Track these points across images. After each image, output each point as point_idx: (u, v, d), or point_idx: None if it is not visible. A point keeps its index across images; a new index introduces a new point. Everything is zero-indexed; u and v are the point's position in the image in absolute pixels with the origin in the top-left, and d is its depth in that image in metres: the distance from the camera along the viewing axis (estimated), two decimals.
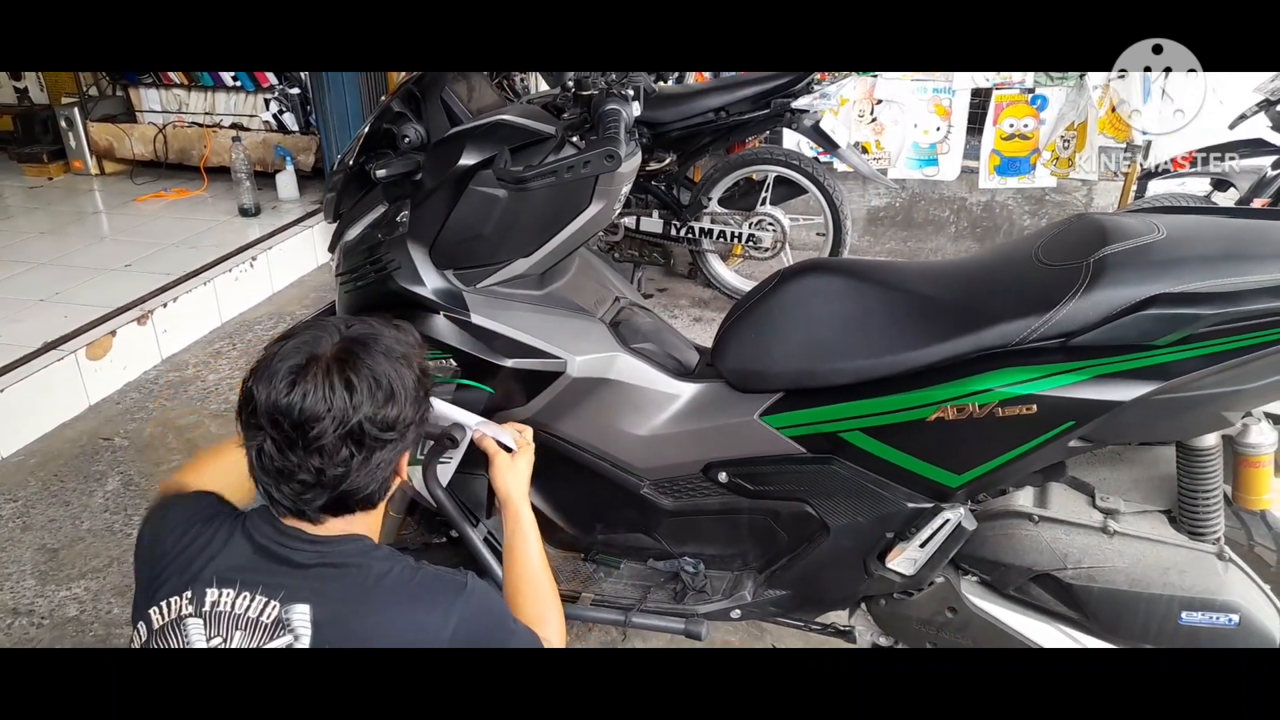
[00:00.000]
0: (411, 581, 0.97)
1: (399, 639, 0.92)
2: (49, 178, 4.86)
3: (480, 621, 1.00)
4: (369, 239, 1.51)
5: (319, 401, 0.89)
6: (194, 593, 0.93)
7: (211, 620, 0.91)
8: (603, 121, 1.28)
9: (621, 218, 3.53)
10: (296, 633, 0.90)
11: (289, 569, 0.94)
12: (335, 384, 0.90)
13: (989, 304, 1.28)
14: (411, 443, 1.01)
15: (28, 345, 2.89)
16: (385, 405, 0.93)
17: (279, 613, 0.91)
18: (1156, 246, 1.21)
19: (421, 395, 0.99)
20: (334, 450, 0.90)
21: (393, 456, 0.97)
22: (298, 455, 0.90)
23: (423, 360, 1.02)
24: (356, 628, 0.91)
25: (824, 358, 1.37)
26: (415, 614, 0.94)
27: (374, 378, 0.92)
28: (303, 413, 0.89)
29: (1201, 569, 1.28)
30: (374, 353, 0.94)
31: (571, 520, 1.62)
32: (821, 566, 1.48)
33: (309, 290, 3.93)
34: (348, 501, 0.95)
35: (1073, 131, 3.75)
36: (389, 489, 1.01)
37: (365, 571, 0.95)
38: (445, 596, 0.97)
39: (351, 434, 0.91)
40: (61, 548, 2.26)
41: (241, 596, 0.91)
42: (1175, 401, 1.18)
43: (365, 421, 0.91)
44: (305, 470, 0.90)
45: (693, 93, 3.34)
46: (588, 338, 1.51)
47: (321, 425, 0.89)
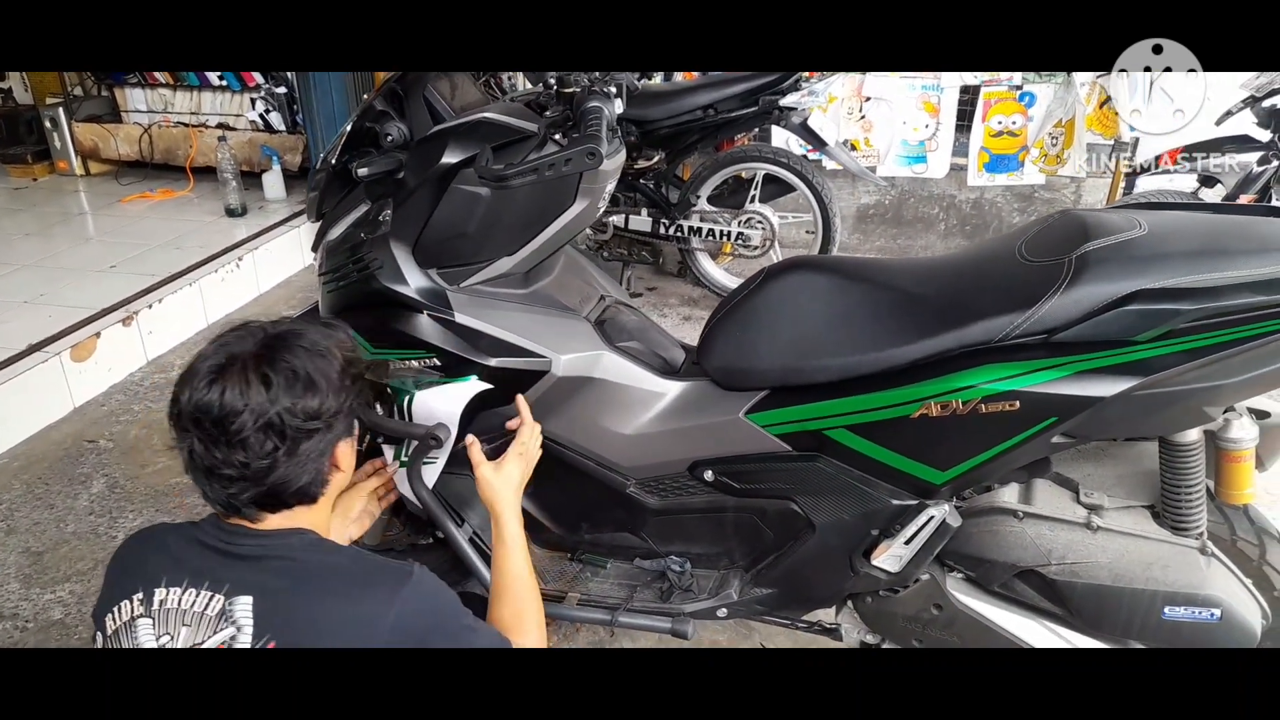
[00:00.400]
0: (353, 570, 0.98)
1: (339, 626, 0.92)
2: (34, 178, 4.83)
3: (426, 613, 0.99)
4: (351, 238, 1.50)
5: (237, 397, 0.92)
6: (144, 594, 0.95)
7: (160, 618, 0.93)
8: (584, 119, 1.28)
9: (610, 216, 3.53)
10: (239, 624, 0.91)
11: (233, 562, 0.96)
12: (251, 379, 0.93)
13: (972, 301, 1.28)
14: (342, 434, 1.02)
15: (12, 347, 2.87)
16: (305, 396, 0.96)
17: (222, 605, 0.92)
18: (1137, 242, 1.22)
19: (347, 384, 1.02)
20: (257, 443, 0.93)
21: (322, 448, 0.99)
22: (222, 451, 0.93)
23: (350, 353, 1.05)
24: (296, 617, 0.92)
25: (808, 355, 1.37)
26: (357, 602, 0.94)
27: (292, 370, 0.96)
28: (222, 408, 0.92)
29: (1184, 564, 1.29)
30: (293, 347, 0.98)
31: (557, 520, 1.62)
32: (807, 564, 1.48)
33: (296, 290, 3.91)
34: (281, 495, 0.97)
35: (1061, 129, 3.76)
36: (326, 482, 1.02)
37: (307, 562, 0.97)
38: (388, 585, 0.97)
39: (272, 425, 0.93)
40: (46, 551, 2.24)
41: (188, 593, 0.93)
42: (1156, 397, 1.19)
43: (284, 413, 0.94)
44: (230, 465, 0.93)
45: (681, 90, 3.34)
46: (573, 336, 1.50)
47: (241, 419, 0.92)
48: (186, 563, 0.96)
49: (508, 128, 1.40)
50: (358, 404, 1.05)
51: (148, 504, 2.42)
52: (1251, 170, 2.82)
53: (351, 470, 1.08)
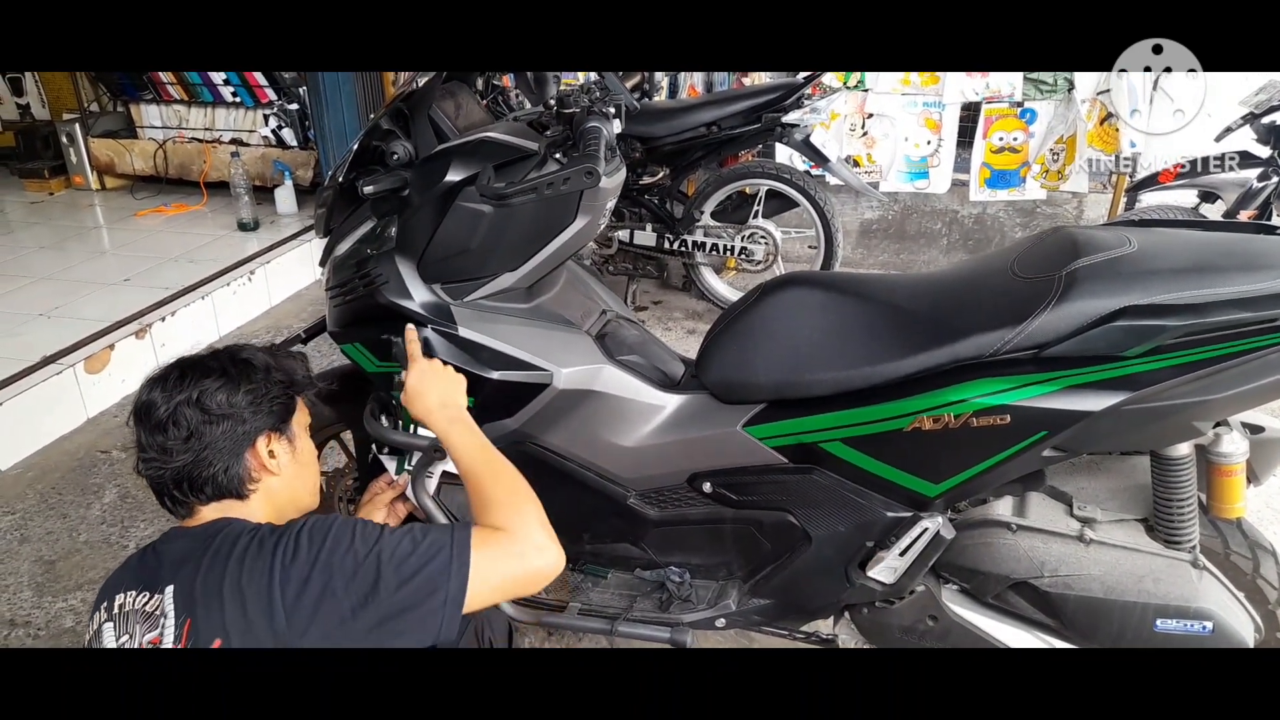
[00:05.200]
0: (259, 530, 1.03)
1: (246, 578, 0.97)
2: (50, 193, 4.91)
3: (325, 523, 1.02)
4: (358, 254, 1.53)
5: (159, 390, 1.07)
6: (109, 601, 1.03)
7: (119, 621, 1.01)
8: (584, 139, 1.31)
9: (615, 231, 3.56)
10: (165, 612, 0.98)
11: (169, 560, 1.03)
12: (171, 375, 1.09)
13: (965, 316, 1.30)
14: (258, 430, 1.10)
15: (27, 359, 2.92)
16: (215, 389, 1.07)
17: (159, 601, 0.99)
18: (1127, 259, 1.24)
19: (264, 387, 1.11)
20: (172, 430, 1.05)
21: (233, 435, 1.07)
22: (146, 436, 1.06)
23: (277, 364, 1.15)
24: (207, 588, 0.98)
25: (804, 369, 1.40)
26: (255, 556, 0.99)
27: (206, 367, 1.09)
28: (147, 402, 1.07)
29: (1176, 577, 1.30)
30: (221, 354, 1.13)
31: (559, 530, 1.62)
32: (804, 575, 1.50)
33: (306, 304, 3.96)
34: (197, 482, 1.06)
35: (1062, 144, 3.78)
36: (253, 480, 1.10)
37: (219, 540, 1.03)
38: (288, 527, 1.03)
39: (180, 413, 1.06)
40: (58, 559, 2.28)
41: (141, 595, 1.01)
42: (1146, 411, 1.21)
43: (188, 403, 1.06)
44: (152, 449, 1.06)
45: (685, 107, 3.38)
46: (574, 350, 1.53)
47: (159, 409, 1.06)
48: (140, 571, 1.05)
49: (510, 147, 1.44)
50: (278, 405, 1.13)
51: (159, 514, 2.45)
52: (1251, 186, 2.83)
53: (294, 479, 1.15)
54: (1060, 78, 3.83)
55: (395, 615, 0.97)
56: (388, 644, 0.97)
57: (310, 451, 1.21)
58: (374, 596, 0.96)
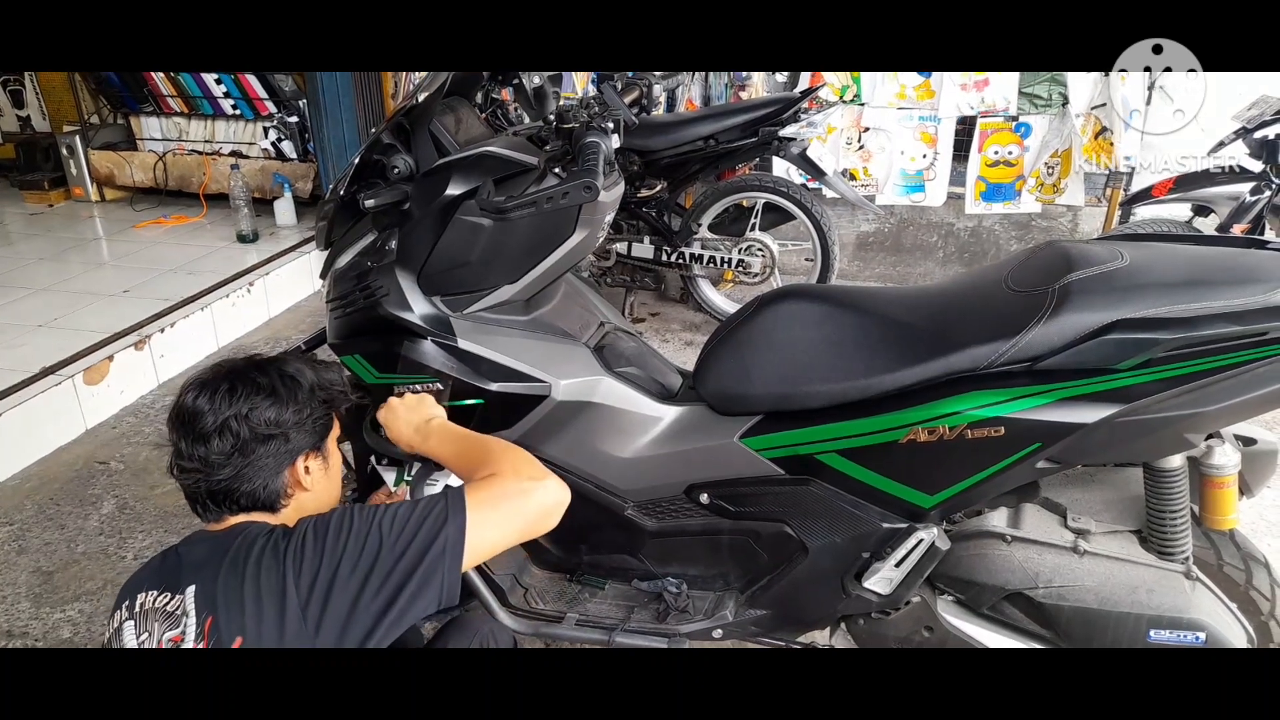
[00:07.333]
0: (272, 535, 1.04)
1: (262, 575, 0.99)
2: (50, 204, 4.92)
3: (326, 516, 1.04)
4: (358, 266, 1.55)
5: (205, 401, 1.06)
6: (130, 600, 1.04)
7: (140, 619, 1.02)
8: (583, 154, 1.33)
9: (613, 243, 3.58)
10: (186, 611, 0.99)
11: (189, 563, 1.04)
12: (221, 387, 1.07)
13: (959, 329, 1.32)
14: (301, 448, 1.11)
15: (26, 370, 2.92)
16: (263, 406, 1.07)
17: (180, 601, 1.01)
18: (1119, 273, 1.25)
19: (311, 405, 1.11)
20: (217, 442, 1.05)
21: (278, 457, 1.08)
22: (188, 446, 1.06)
23: (326, 381, 1.15)
24: (227, 586, 0.99)
25: (800, 381, 1.41)
26: (271, 555, 1.01)
27: (256, 383, 1.08)
28: (193, 411, 1.06)
29: (1169, 588, 1.31)
30: (267, 368, 1.11)
31: (557, 541, 1.65)
32: (800, 586, 1.51)
33: (305, 316, 3.97)
34: (233, 495, 1.07)
35: (1057, 158, 3.82)
36: (288, 495, 1.11)
37: (238, 542, 1.04)
38: (297, 527, 1.05)
39: (229, 427, 1.05)
40: (56, 570, 2.28)
41: (163, 595, 1.02)
42: (1138, 424, 1.22)
43: (239, 418, 1.06)
44: (193, 459, 1.06)
45: (683, 121, 3.40)
46: (572, 362, 1.54)
47: (204, 419, 1.05)
48: (161, 572, 1.06)
49: (509, 161, 1.45)
50: (320, 424, 1.14)
51: (157, 525, 2.46)
52: (1244, 200, 2.86)
53: (323, 493, 1.16)
54: (1055, 92, 3.88)
55: (404, 578, 0.99)
56: (406, 612, 0.99)
57: (338, 464, 1.23)
58: (378, 565, 0.99)
